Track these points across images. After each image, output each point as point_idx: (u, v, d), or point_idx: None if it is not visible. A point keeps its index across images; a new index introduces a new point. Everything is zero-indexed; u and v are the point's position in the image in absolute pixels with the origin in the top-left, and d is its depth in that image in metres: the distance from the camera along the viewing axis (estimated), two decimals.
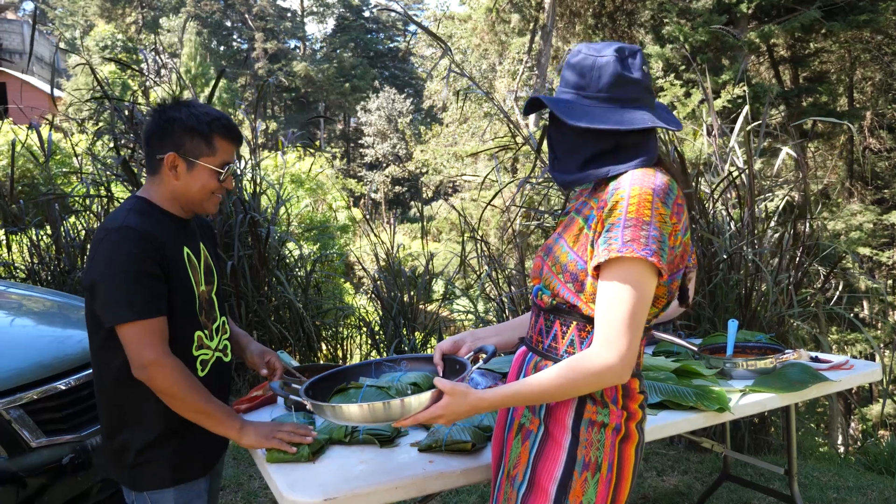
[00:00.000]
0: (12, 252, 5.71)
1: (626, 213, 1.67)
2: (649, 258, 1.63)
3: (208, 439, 2.20)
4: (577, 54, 1.83)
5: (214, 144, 2.12)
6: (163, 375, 1.99)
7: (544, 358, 1.86)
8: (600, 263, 1.67)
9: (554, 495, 1.76)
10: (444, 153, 23.87)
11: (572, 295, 1.77)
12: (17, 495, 2.51)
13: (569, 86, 1.82)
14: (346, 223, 16.41)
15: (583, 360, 1.66)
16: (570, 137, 1.83)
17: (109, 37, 37.59)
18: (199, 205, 2.19)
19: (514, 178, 8.22)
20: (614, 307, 1.66)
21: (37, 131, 5.82)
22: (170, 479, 2.13)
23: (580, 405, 1.77)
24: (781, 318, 5.10)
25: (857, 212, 11.56)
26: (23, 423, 2.60)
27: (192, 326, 2.15)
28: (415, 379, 1.95)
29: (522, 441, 1.86)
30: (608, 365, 1.64)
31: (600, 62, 1.79)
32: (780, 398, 2.81)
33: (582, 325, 1.80)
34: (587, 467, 1.76)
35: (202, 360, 2.19)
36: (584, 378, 1.66)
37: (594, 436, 1.77)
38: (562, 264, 1.81)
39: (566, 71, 1.84)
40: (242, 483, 4.35)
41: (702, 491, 4.25)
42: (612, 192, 1.72)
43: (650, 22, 14.74)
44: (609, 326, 1.65)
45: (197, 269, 2.20)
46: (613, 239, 1.65)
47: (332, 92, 47.87)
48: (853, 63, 14.59)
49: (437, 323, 6.39)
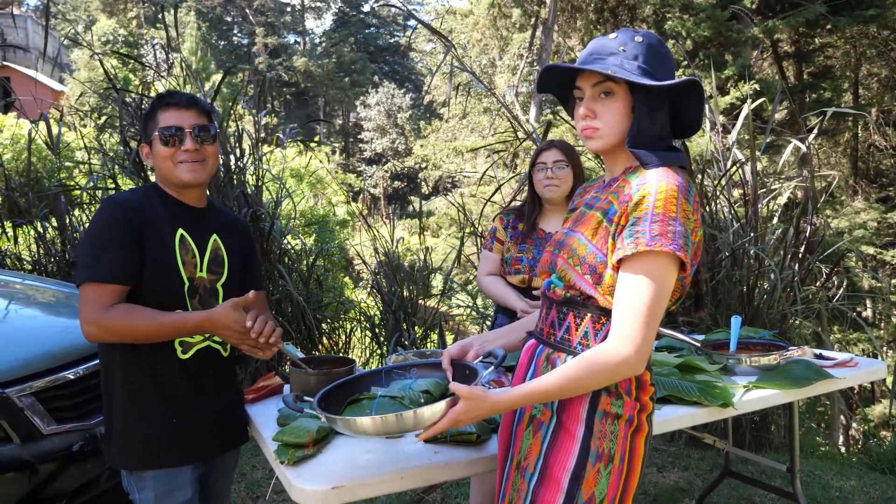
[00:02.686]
0: (19, 244, 5.72)
1: (654, 208, 1.68)
2: (677, 252, 1.64)
3: (194, 429, 2.25)
4: (662, 44, 1.83)
5: (157, 117, 2.25)
6: (109, 333, 2.09)
7: (557, 350, 1.87)
8: (626, 256, 1.68)
9: (566, 486, 1.77)
10: (444, 148, 23.86)
11: (590, 287, 1.78)
12: (29, 481, 2.54)
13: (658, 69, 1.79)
14: (346, 218, 16.41)
15: (599, 355, 1.68)
16: (663, 124, 1.83)
17: (111, 32, 37.57)
18: (174, 178, 2.27)
19: (515, 174, 8.22)
20: (635, 300, 1.67)
21: (46, 124, 5.84)
22: (147, 462, 2.19)
23: (595, 396, 1.78)
24: (784, 315, 5.10)
25: (861, 209, 11.54)
26: (34, 410, 2.62)
27: (171, 304, 2.18)
28: (426, 386, 1.95)
29: (534, 433, 1.86)
30: (625, 357, 1.66)
31: (665, 51, 1.82)
32: (783, 394, 2.81)
33: (596, 317, 1.81)
34: (600, 458, 1.77)
35: (183, 342, 2.23)
36: (602, 372, 1.68)
37: (608, 427, 1.77)
38: (580, 256, 1.81)
39: (652, 52, 1.80)
40: (245, 473, 4.37)
41: (702, 487, 4.26)
42: (637, 187, 1.73)
43: (652, 17, 14.72)
44: (627, 320, 1.67)
45: (193, 254, 2.25)
46: (641, 233, 1.66)
47: (332, 87, 47.80)
48: (859, 59, 14.53)
49: (437, 318, 6.40)
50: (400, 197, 41.18)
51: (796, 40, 14.32)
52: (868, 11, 11.93)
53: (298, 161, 16.05)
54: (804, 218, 5.49)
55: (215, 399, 2.34)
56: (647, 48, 1.79)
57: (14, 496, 2.50)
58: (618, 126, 1.81)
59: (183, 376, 2.23)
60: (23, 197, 6.19)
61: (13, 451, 2.53)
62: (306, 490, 1.90)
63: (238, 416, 2.49)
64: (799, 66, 14.61)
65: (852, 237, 10.85)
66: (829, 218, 7.17)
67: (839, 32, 13.34)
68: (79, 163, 7.40)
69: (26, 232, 5.75)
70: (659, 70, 1.78)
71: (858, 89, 15.41)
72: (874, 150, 15.08)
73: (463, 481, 4.23)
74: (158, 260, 2.16)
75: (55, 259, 5.59)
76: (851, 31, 13.28)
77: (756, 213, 5.30)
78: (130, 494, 2.23)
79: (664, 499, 4.23)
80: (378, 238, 6.39)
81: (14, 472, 2.52)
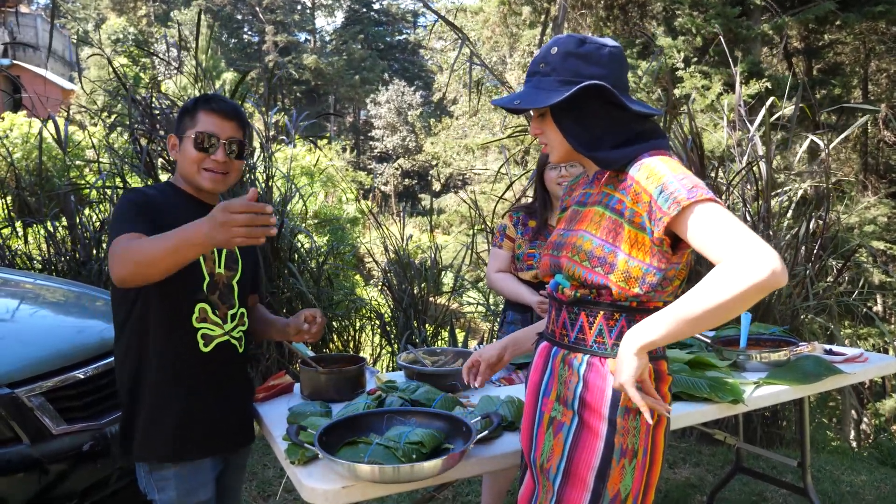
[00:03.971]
0: (29, 243, 5.73)
1: (671, 171, 1.70)
2: (718, 199, 1.66)
3: (214, 422, 2.28)
4: (580, 45, 1.81)
5: (197, 117, 2.26)
6: (133, 264, 1.95)
7: (572, 350, 1.87)
8: (673, 217, 1.65)
9: (592, 484, 1.78)
10: (455, 146, 23.83)
11: (602, 277, 1.78)
12: (39, 481, 2.54)
13: (578, 75, 1.80)
14: (356, 216, 16.41)
15: (742, 277, 1.53)
16: (603, 123, 1.84)
17: (121, 30, 37.64)
18: (194, 180, 2.29)
19: (526, 171, 8.21)
20: (725, 231, 1.60)
21: (54, 122, 5.86)
22: (170, 454, 2.20)
23: (616, 393, 1.78)
24: (795, 311, 5.09)
25: (872, 205, 11.47)
26: (44, 410, 2.62)
27: (193, 296, 2.23)
28: (420, 438, 1.98)
29: (555, 434, 1.86)
30: (772, 270, 1.52)
31: (615, 52, 1.83)
32: (794, 390, 2.81)
33: (609, 314, 1.81)
34: (624, 454, 1.77)
35: (205, 335, 2.25)
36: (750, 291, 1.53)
37: (630, 422, 1.78)
38: (586, 252, 1.81)
39: (570, 60, 1.80)
40: (257, 472, 4.38)
41: (714, 483, 4.26)
42: (637, 168, 1.75)
43: (662, 14, 14.66)
44: (738, 243, 1.57)
45: (213, 250, 2.27)
46: (676, 192, 1.65)
47: (342, 85, 47.79)
48: (868, 55, 14.46)
49: (448, 315, 6.40)
50: (410, 195, 41.18)
51: (806, 36, 14.25)
52: (877, 7, 11.86)
53: (309, 160, 16.06)
54: (817, 214, 5.48)
55: (232, 393, 2.37)
56: (562, 58, 1.82)
57: (24, 496, 2.50)
58: (558, 138, 1.88)
59: (203, 369, 2.25)
60: (33, 196, 6.21)
61: (23, 452, 2.53)
62: (317, 489, 1.90)
63: (249, 413, 2.52)
64: (808, 63, 14.53)
65: (862, 232, 10.79)
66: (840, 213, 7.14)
67: (848, 28, 13.27)
68: (89, 161, 7.41)
69: (36, 231, 5.76)
70: (581, 73, 1.79)
71: (868, 85, 15.34)
72: (884, 145, 15.01)
73: (474, 479, 4.23)
74: None
75: (65, 258, 5.60)
76: (860, 28, 13.21)
77: (769, 209, 5.29)
78: (149, 495, 2.24)
79: (676, 495, 4.23)
80: (389, 236, 6.39)
81: (24, 473, 2.52)
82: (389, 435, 2.02)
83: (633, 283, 1.76)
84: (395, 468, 1.84)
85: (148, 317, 2.19)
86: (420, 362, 2.94)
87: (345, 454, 1.96)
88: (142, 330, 2.20)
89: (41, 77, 18.44)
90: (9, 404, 2.55)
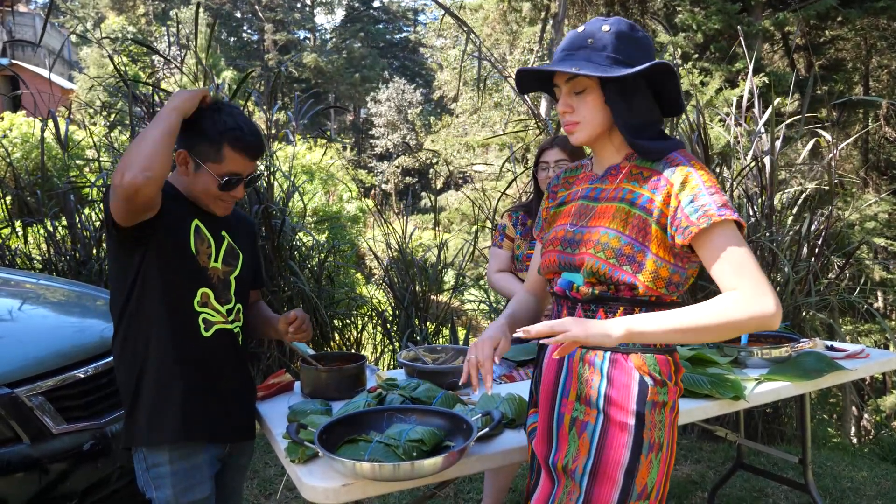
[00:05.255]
0: (28, 243, 5.73)
1: (704, 183, 1.73)
2: (741, 220, 1.72)
3: (214, 407, 2.27)
4: (633, 30, 1.82)
5: (222, 153, 2.17)
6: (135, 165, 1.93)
7: (592, 349, 1.84)
8: (702, 230, 1.70)
9: (622, 481, 1.77)
10: (455, 143, 23.83)
11: (630, 276, 1.78)
12: (39, 481, 2.54)
13: (630, 57, 1.80)
14: (357, 214, 16.40)
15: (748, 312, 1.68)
16: (645, 113, 1.85)
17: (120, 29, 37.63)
18: (205, 204, 2.26)
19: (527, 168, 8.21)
20: (743, 264, 1.70)
21: (55, 121, 5.85)
22: (173, 435, 2.19)
23: (642, 388, 1.78)
24: (797, 307, 5.09)
25: (873, 202, 11.47)
26: (44, 409, 2.62)
27: (195, 280, 2.22)
28: (420, 435, 1.98)
29: (579, 434, 1.83)
30: (773, 313, 1.67)
31: (638, 35, 1.83)
32: (795, 386, 2.81)
33: (629, 309, 1.82)
34: (652, 448, 1.78)
35: (206, 319, 2.24)
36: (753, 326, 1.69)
37: (657, 416, 1.79)
38: (613, 249, 1.80)
39: (622, 41, 1.80)
40: (258, 470, 4.38)
41: (715, 480, 4.25)
42: (672, 170, 1.77)
43: (663, 10, 14.67)
44: (751, 280, 1.68)
45: (208, 243, 2.26)
46: (706, 206, 1.70)
47: (342, 83, 47.72)
48: (869, 51, 14.47)
49: (449, 313, 6.39)
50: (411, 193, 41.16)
51: (807, 32, 14.25)
52: (878, 3, 11.86)
53: (310, 158, 16.05)
54: (821, 210, 5.48)
55: (234, 382, 2.35)
56: (615, 36, 1.80)
57: (24, 496, 2.50)
58: (596, 118, 1.85)
59: (204, 354, 2.24)
60: (32, 196, 6.20)
61: (23, 451, 2.53)
62: (317, 487, 1.90)
63: (252, 407, 2.51)
64: (809, 59, 14.53)
65: (863, 229, 10.80)
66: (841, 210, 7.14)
67: (849, 24, 13.28)
68: (89, 160, 7.41)
69: (36, 231, 5.76)
70: (633, 56, 1.79)
71: (869, 81, 15.34)
72: (885, 141, 15.00)
73: (475, 477, 4.23)
74: (173, 235, 2.18)
75: (65, 258, 5.60)
76: (862, 23, 13.22)
77: (772, 205, 5.28)
78: (147, 493, 2.23)
79: (677, 491, 4.22)
80: (392, 233, 6.38)
81: (24, 472, 2.52)
82: (390, 433, 2.02)
83: (660, 284, 1.79)
84: (395, 466, 1.84)
85: (148, 299, 2.16)
86: (421, 360, 2.94)
87: (345, 452, 1.96)
88: (141, 314, 2.18)
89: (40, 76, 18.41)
90: (9, 404, 2.55)
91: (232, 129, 2.17)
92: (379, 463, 1.84)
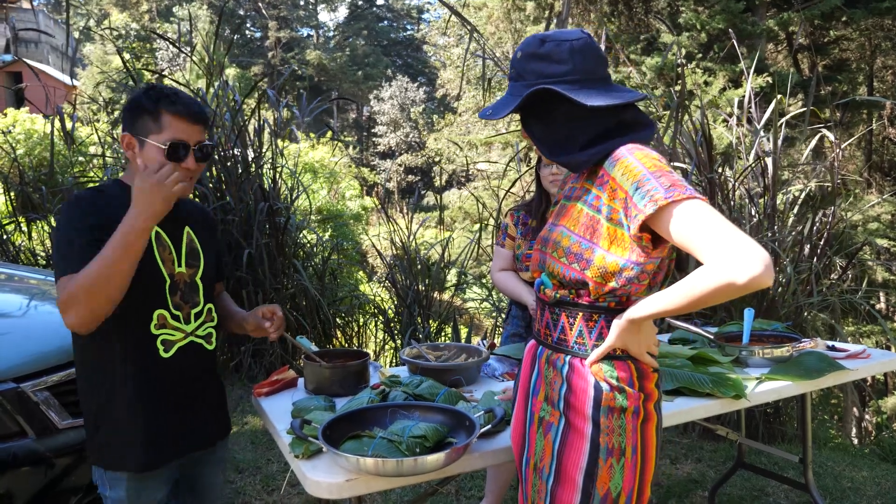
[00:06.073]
0: (33, 239, 5.74)
1: (647, 169, 1.68)
2: (698, 196, 1.62)
3: (177, 428, 2.19)
4: (541, 45, 1.78)
5: (161, 121, 2.06)
6: (81, 305, 1.93)
7: (556, 351, 1.88)
8: (649, 215, 1.63)
9: (581, 484, 1.78)
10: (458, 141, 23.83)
11: (578, 273, 1.78)
12: (45, 475, 2.55)
13: (541, 76, 1.77)
14: (359, 212, 16.41)
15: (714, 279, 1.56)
16: (569, 123, 1.81)
17: (124, 26, 37.64)
18: None
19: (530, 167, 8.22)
20: (703, 235, 1.58)
21: (61, 116, 5.86)
22: (127, 463, 2.12)
23: (597, 393, 1.78)
24: (799, 307, 5.09)
25: (875, 202, 11.47)
26: (49, 404, 2.64)
27: (152, 304, 2.12)
28: (423, 432, 1.99)
29: (544, 434, 1.87)
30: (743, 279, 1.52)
31: (577, 45, 1.77)
32: (796, 386, 2.82)
33: (588, 315, 1.82)
34: (611, 454, 1.77)
35: (165, 341, 2.14)
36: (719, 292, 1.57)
37: (615, 422, 1.78)
38: (564, 248, 1.82)
39: (532, 62, 1.78)
40: (261, 467, 4.39)
41: (716, 479, 4.26)
42: (613, 164, 1.74)
43: (667, 10, 14.65)
44: (714, 249, 1.56)
45: (169, 250, 2.17)
46: (653, 190, 1.63)
47: (345, 80, 47.71)
48: (874, 51, 14.44)
49: (451, 311, 6.41)
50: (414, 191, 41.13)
51: (811, 33, 14.23)
52: (883, 3, 11.83)
53: (312, 156, 16.06)
54: (823, 211, 5.48)
55: (200, 394, 2.27)
56: (525, 61, 1.80)
57: (30, 490, 2.52)
58: (540, 144, 1.89)
59: (166, 376, 2.15)
60: (36, 192, 6.21)
61: (28, 446, 2.55)
62: (321, 483, 1.91)
63: (222, 407, 2.42)
64: (813, 59, 14.52)
65: (866, 230, 10.79)
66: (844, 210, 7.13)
67: (854, 25, 13.25)
68: (93, 156, 7.43)
69: (40, 227, 5.77)
70: (545, 74, 1.77)
71: (873, 82, 15.31)
72: (888, 142, 14.99)
73: (477, 473, 4.25)
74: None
75: None
76: (866, 24, 13.19)
77: (774, 205, 5.28)
78: (100, 490, 2.18)
79: (677, 490, 4.23)
80: (396, 231, 6.38)
81: (29, 467, 2.54)
82: (393, 429, 2.03)
83: (609, 278, 1.75)
84: (398, 462, 1.85)
85: (104, 328, 2.04)
86: (424, 357, 2.95)
87: (348, 448, 1.97)
88: (100, 340, 2.09)
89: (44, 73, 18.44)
90: (14, 399, 2.57)
91: (167, 95, 2.09)
92: (382, 458, 1.86)
